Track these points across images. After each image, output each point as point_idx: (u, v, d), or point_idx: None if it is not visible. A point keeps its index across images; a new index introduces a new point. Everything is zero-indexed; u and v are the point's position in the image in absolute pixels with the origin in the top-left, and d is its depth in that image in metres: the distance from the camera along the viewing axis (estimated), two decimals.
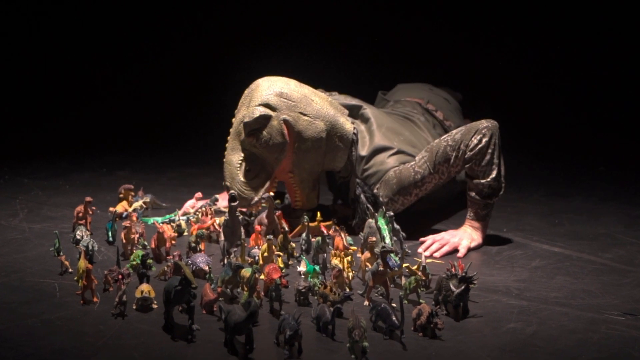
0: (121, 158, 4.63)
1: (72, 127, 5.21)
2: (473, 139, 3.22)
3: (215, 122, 3.64)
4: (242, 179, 3.26)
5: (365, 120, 3.45)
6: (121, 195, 3.66)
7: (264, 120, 3.23)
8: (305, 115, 3.26)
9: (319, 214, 3.27)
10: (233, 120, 3.34)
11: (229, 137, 3.31)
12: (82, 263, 2.77)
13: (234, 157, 3.29)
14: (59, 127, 5.22)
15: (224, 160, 3.31)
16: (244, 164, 3.27)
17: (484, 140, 3.21)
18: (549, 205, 3.83)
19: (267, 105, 3.25)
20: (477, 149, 3.20)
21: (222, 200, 3.56)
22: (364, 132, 3.39)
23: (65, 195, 3.95)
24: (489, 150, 3.21)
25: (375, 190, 3.33)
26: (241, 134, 3.26)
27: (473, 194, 3.25)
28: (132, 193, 3.68)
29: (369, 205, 3.32)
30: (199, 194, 3.61)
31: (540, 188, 4.06)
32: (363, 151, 3.35)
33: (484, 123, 3.25)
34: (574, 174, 4.32)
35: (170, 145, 4.95)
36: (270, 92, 3.26)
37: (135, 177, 4.18)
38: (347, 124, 3.35)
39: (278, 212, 3.31)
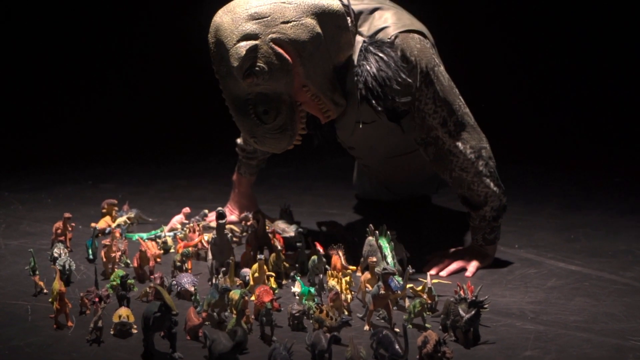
0: (108, 170, 4.45)
1: (56, 138, 5.02)
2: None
3: (207, 131, 3.46)
4: (265, 125, 2.84)
5: None
6: (104, 210, 3.46)
7: (253, 52, 2.79)
8: (288, 22, 2.83)
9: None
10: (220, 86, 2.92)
11: (227, 103, 2.91)
12: (57, 284, 2.60)
13: (244, 112, 2.86)
14: (43, 137, 5.03)
15: (235, 121, 2.90)
16: (255, 110, 2.84)
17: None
18: (563, 219, 3.60)
19: (246, 37, 2.80)
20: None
21: (211, 216, 3.35)
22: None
23: (47, 210, 3.75)
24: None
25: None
26: (236, 83, 2.83)
27: (477, 221, 3.03)
28: (116, 208, 3.49)
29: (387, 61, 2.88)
30: (187, 209, 3.40)
31: (553, 201, 3.85)
32: (364, 14, 2.97)
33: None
34: (589, 186, 4.10)
35: (160, 157, 4.77)
36: (240, 22, 2.80)
37: (121, 189, 4.00)
38: (329, 0, 2.90)
39: (271, 229, 3.09)
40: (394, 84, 2.85)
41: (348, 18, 2.91)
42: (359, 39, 2.91)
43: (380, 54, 2.87)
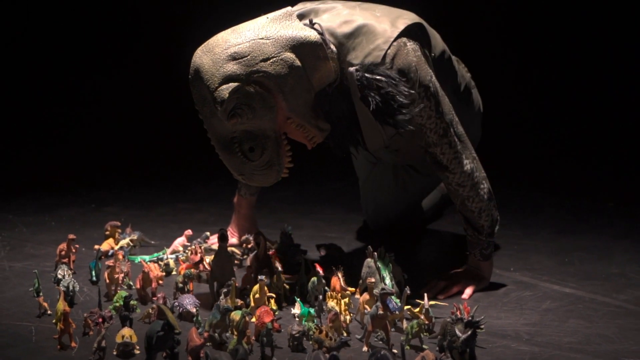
0: (110, 193, 4.48)
1: (59, 162, 5.05)
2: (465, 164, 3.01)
3: (207, 155, 3.49)
4: (252, 162, 2.85)
5: (329, 10, 2.99)
6: (107, 233, 3.50)
7: (236, 94, 2.77)
8: (268, 59, 2.80)
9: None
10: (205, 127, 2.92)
11: (213, 143, 2.92)
12: (61, 305, 2.63)
13: (231, 151, 2.86)
14: (46, 161, 5.07)
15: (222, 159, 2.90)
16: (241, 148, 2.84)
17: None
18: (558, 242, 3.65)
19: (228, 79, 2.78)
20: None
21: (213, 238, 3.40)
22: (336, 22, 2.94)
23: (51, 232, 3.79)
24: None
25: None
26: (221, 123, 2.82)
27: (473, 236, 3.06)
28: (119, 230, 3.53)
29: (388, 76, 2.83)
30: (189, 232, 3.45)
31: (548, 225, 3.90)
32: (343, 41, 2.90)
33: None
34: (583, 211, 4.14)
35: (162, 180, 4.80)
36: (220, 64, 2.77)
37: (124, 212, 4.03)
38: (307, 31, 2.86)
39: (272, 251, 3.14)
40: (401, 99, 2.84)
41: (329, 46, 2.88)
42: (351, 69, 2.88)
43: (378, 77, 2.85)
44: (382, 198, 3.68)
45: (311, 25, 2.91)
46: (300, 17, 2.97)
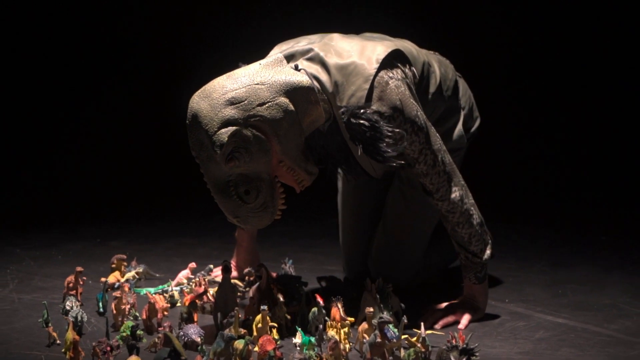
0: (115, 228, 4.57)
1: (66, 197, 5.16)
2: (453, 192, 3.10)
3: (210, 192, 3.58)
4: (247, 205, 2.92)
5: (307, 53, 3.04)
6: (113, 265, 3.59)
7: (234, 137, 2.85)
8: (264, 103, 2.88)
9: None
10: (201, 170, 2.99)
11: (209, 186, 2.98)
12: (70, 334, 2.71)
13: (226, 194, 2.93)
14: (53, 196, 5.17)
15: (218, 202, 2.97)
16: (236, 191, 2.91)
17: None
18: (552, 275, 3.74)
19: (226, 123, 2.86)
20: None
21: (217, 271, 3.49)
22: (316, 68, 3.00)
23: (57, 266, 3.87)
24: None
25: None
26: (218, 167, 2.90)
27: (466, 260, 3.15)
28: (125, 263, 3.62)
29: (373, 124, 2.89)
30: (193, 264, 3.54)
31: (543, 258, 3.98)
32: (328, 85, 2.96)
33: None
34: (576, 244, 4.23)
35: (165, 216, 4.89)
36: (219, 109, 2.85)
37: (129, 247, 4.11)
38: (299, 76, 2.94)
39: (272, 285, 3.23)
40: (386, 140, 2.92)
41: (319, 91, 2.96)
42: (337, 113, 2.96)
43: (362, 121, 2.92)
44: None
45: (296, 70, 3.00)
46: (288, 59, 3.05)
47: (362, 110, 2.93)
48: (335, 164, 3.10)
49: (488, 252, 3.15)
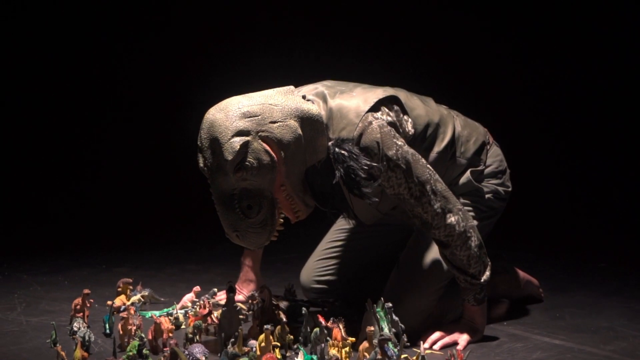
0: (120, 255, 4.64)
1: (72, 224, 5.25)
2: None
3: (215, 219, 3.66)
4: (249, 219, 3.01)
5: (313, 90, 3.20)
6: (119, 289, 3.66)
7: (245, 147, 2.97)
8: (275, 122, 3.02)
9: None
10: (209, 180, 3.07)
11: (213, 197, 3.07)
12: (78, 352, 2.78)
13: (229, 206, 3.01)
14: (59, 223, 5.27)
15: (219, 214, 3.06)
16: (239, 205, 3.00)
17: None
18: (550, 299, 3.80)
19: (239, 133, 2.99)
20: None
21: (220, 294, 3.55)
22: (318, 101, 3.14)
23: (64, 290, 3.94)
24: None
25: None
26: (225, 178, 2.99)
27: (469, 279, 3.19)
28: (131, 287, 3.68)
29: (352, 156, 3.03)
30: (197, 288, 3.60)
31: (542, 283, 4.03)
32: (325, 118, 3.10)
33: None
34: (576, 270, 4.31)
35: (170, 243, 4.96)
36: (233, 119, 2.98)
37: (134, 273, 4.15)
38: (309, 105, 3.09)
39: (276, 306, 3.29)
40: (360, 173, 3.04)
41: (325, 123, 3.09)
42: (329, 144, 3.09)
43: (343, 152, 3.06)
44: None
45: (305, 99, 3.14)
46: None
47: (345, 142, 3.07)
48: (332, 205, 3.19)
49: (487, 273, 3.20)
